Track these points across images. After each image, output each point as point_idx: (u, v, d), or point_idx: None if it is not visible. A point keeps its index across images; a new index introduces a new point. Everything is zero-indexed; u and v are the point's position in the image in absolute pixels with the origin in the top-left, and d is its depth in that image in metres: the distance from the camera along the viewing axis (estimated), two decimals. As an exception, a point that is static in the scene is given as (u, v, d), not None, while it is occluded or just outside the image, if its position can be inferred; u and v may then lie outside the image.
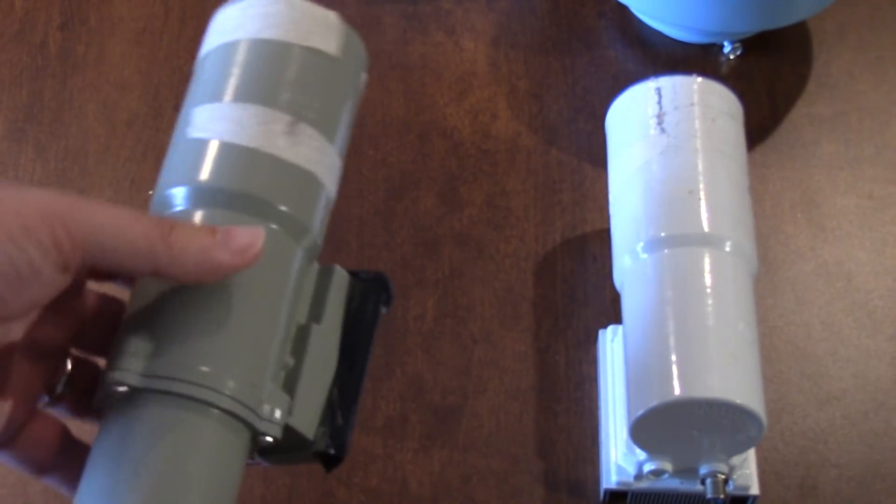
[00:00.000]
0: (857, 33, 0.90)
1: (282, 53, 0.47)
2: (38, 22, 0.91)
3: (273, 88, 0.46)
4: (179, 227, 0.39)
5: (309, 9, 0.48)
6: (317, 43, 0.47)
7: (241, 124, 0.44)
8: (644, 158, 0.66)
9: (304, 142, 0.45)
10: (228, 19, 0.50)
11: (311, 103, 0.46)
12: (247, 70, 0.47)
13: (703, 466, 0.62)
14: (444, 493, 0.68)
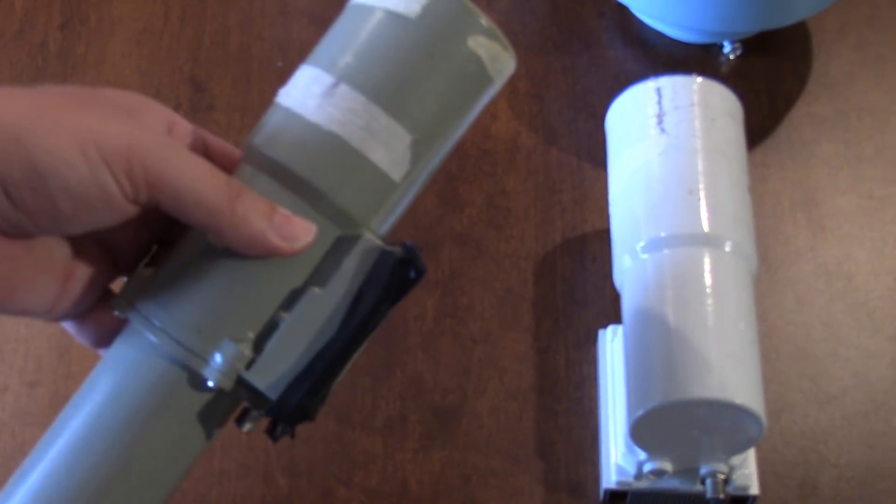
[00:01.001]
0: (857, 33, 0.90)
1: (357, 14, 0.44)
2: (38, 22, 0.91)
3: (329, 50, 0.44)
4: (246, 197, 0.41)
5: None
6: (392, 3, 0.43)
7: (293, 85, 0.44)
8: (644, 158, 0.66)
9: (338, 104, 0.43)
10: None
11: (361, 65, 0.43)
12: (329, 32, 0.45)
13: (703, 466, 0.62)
14: (444, 493, 0.68)
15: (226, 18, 0.91)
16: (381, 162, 0.43)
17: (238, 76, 0.88)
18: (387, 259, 0.43)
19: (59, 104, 0.39)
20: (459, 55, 0.45)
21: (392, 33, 0.43)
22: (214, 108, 0.86)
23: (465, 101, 0.45)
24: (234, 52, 0.89)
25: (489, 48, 0.44)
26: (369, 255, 0.44)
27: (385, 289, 0.44)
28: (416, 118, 0.44)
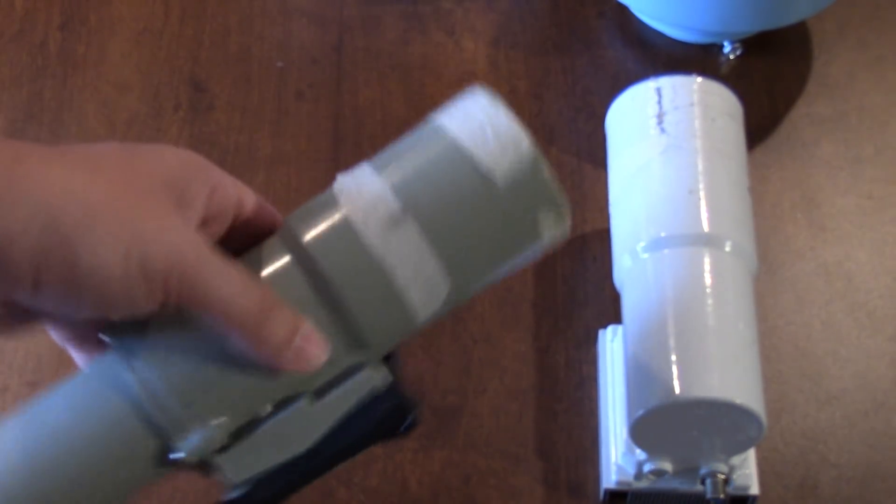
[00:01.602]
0: (857, 33, 0.90)
1: (439, 144, 0.43)
2: (38, 22, 0.91)
3: (404, 167, 0.43)
4: (276, 313, 0.41)
5: (499, 119, 0.43)
6: (480, 155, 0.42)
7: (356, 185, 0.43)
8: (644, 158, 0.66)
9: (399, 239, 0.42)
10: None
11: (432, 206, 0.42)
12: (406, 141, 0.44)
13: (703, 466, 0.62)
14: (444, 493, 0.68)
15: (226, 18, 0.91)
16: (414, 302, 0.43)
17: (238, 76, 0.88)
18: (385, 400, 0.44)
19: (113, 201, 0.38)
20: (526, 224, 0.44)
21: (471, 187, 0.42)
22: (214, 108, 0.86)
23: (514, 260, 0.45)
24: (234, 52, 0.89)
25: (555, 221, 0.44)
26: (371, 387, 0.44)
27: (373, 428, 0.44)
28: (464, 271, 0.44)
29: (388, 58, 0.89)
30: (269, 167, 0.82)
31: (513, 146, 0.43)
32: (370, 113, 0.85)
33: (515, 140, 0.43)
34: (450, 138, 0.43)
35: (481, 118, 0.43)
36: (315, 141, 0.84)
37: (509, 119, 0.43)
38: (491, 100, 0.44)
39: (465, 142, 0.42)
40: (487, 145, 0.42)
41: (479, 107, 0.43)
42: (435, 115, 0.44)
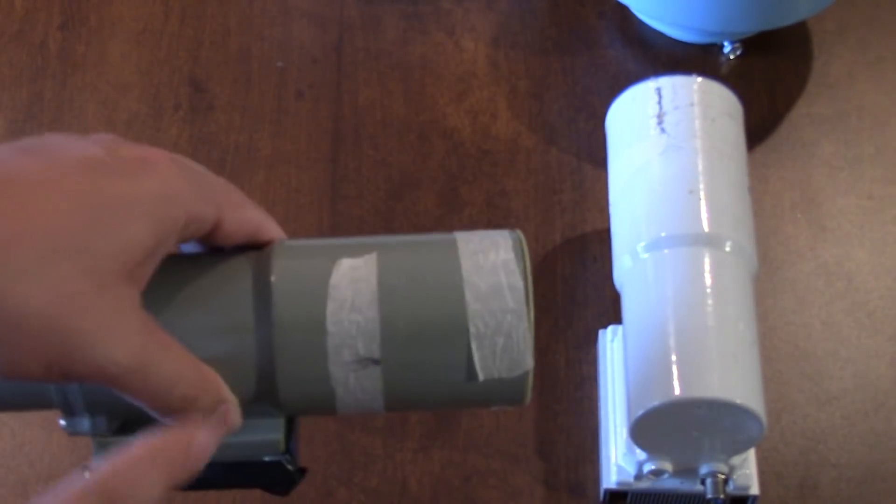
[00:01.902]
0: (857, 33, 0.90)
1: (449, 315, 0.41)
2: (38, 22, 0.91)
3: (402, 314, 0.41)
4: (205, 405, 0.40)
5: (519, 329, 0.42)
6: (479, 353, 0.41)
7: (354, 295, 0.42)
8: (644, 158, 0.66)
9: (361, 378, 0.41)
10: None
11: (408, 373, 0.41)
12: (424, 262, 0.43)
13: (703, 466, 0.62)
14: (444, 493, 0.68)
15: (226, 18, 0.91)
16: (343, 409, 0.43)
17: (238, 76, 0.88)
18: (271, 463, 0.44)
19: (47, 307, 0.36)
20: (482, 403, 0.44)
21: (452, 371, 0.41)
22: (214, 108, 0.86)
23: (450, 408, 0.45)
24: (234, 52, 0.89)
25: (505, 408, 0.45)
26: (263, 441, 0.43)
27: (250, 476, 0.44)
28: (404, 408, 0.44)
29: (388, 58, 0.89)
30: (269, 167, 0.82)
31: (515, 363, 0.42)
32: (370, 113, 0.85)
33: (520, 359, 0.42)
34: (460, 322, 0.41)
35: (506, 322, 0.42)
36: (315, 141, 0.84)
37: (526, 335, 0.42)
38: (522, 294, 0.42)
39: (473, 333, 0.41)
40: (493, 349, 0.42)
41: (511, 306, 0.42)
42: (467, 261, 0.43)
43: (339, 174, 0.82)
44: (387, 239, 0.44)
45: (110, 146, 0.40)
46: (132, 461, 0.39)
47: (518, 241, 0.44)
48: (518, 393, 0.43)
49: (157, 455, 0.39)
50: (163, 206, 0.39)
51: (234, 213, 0.42)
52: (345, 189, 0.81)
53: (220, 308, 0.42)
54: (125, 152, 0.40)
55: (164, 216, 0.39)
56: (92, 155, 0.39)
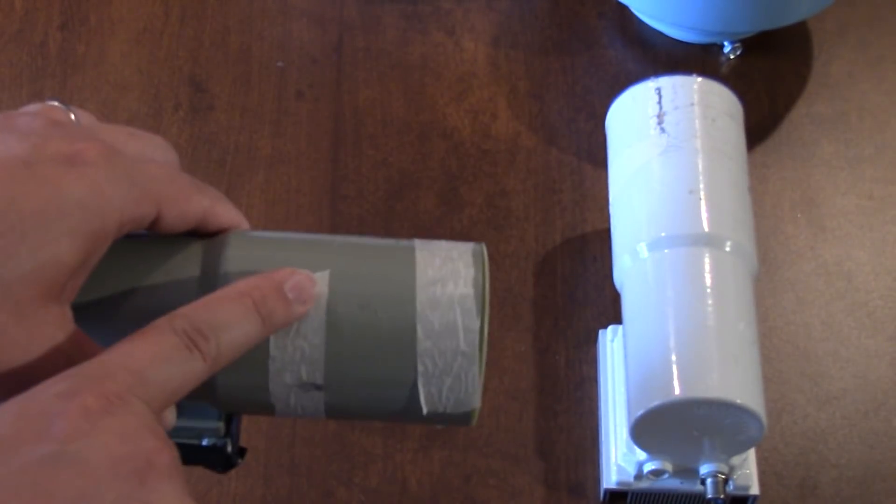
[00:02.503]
0: (857, 33, 0.90)
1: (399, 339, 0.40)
2: (38, 22, 0.91)
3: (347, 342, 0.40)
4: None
5: (469, 373, 0.40)
6: (426, 387, 0.40)
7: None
8: (644, 158, 0.66)
9: (303, 399, 0.40)
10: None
11: (352, 398, 0.40)
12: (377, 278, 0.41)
13: (703, 466, 0.62)
14: (444, 493, 0.68)
15: (226, 18, 0.91)
16: (283, 412, 0.42)
17: (238, 76, 0.88)
18: (211, 446, 0.43)
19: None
20: (424, 421, 0.42)
21: (396, 398, 0.40)
22: (214, 108, 0.86)
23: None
24: (234, 52, 0.89)
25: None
26: (203, 428, 0.43)
27: (191, 455, 0.44)
28: (346, 419, 0.44)
29: (388, 58, 0.89)
30: (269, 167, 0.82)
31: (461, 402, 0.41)
32: (370, 113, 0.85)
33: (467, 400, 0.41)
34: (409, 359, 0.40)
35: (456, 364, 0.40)
36: (315, 141, 0.84)
37: (475, 378, 0.40)
38: (476, 336, 0.41)
39: (421, 371, 0.40)
40: (440, 388, 0.40)
41: (462, 348, 0.40)
42: (423, 292, 0.41)
43: (339, 174, 0.82)
44: (344, 245, 0.42)
45: (36, 142, 0.37)
46: (218, 296, 0.37)
47: (480, 256, 0.43)
48: (462, 421, 0.42)
49: (247, 291, 0.37)
50: (92, 217, 0.36)
51: (175, 206, 0.40)
52: (345, 189, 0.81)
53: (163, 299, 0.40)
54: (53, 147, 0.37)
55: (93, 229, 0.36)
56: (12, 156, 0.36)
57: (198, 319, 0.36)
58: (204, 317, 0.36)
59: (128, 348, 0.35)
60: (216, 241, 0.41)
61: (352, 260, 0.42)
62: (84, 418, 0.32)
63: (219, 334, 0.36)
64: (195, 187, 0.41)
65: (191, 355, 0.36)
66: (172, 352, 0.35)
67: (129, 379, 0.34)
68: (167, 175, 0.40)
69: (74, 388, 0.33)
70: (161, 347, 0.35)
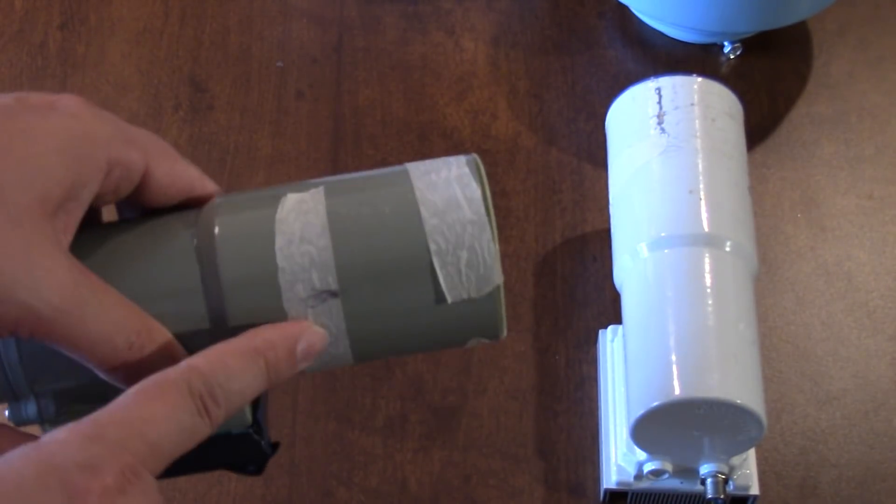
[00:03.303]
0: (857, 33, 0.90)
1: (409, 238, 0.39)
2: (38, 22, 0.91)
3: (356, 233, 0.39)
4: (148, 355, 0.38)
5: (483, 242, 0.39)
6: (445, 275, 0.39)
7: (296, 217, 0.39)
8: (644, 158, 0.66)
9: (319, 313, 0.39)
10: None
11: (370, 300, 0.39)
12: (375, 191, 0.40)
13: (703, 466, 0.62)
14: (444, 493, 0.68)
15: (226, 18, 0.91)
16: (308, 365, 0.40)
17: (238, 76, 0.88)
18: (239, 439, 0.42)
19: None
20: (456, 340, 0.41)
21: (418, 299, 0.39)
22: (214, 108, 0.86)
23: (424, 348, 0.42)
24: (234, 52, 0.89)
25: (488, 341, 0.41)
26: (232, 420, 0.41)
27: (217, 457, 0.42)
28: (373, 354, 0.41)
29: (388, 58, 0.89)
30: (269, 167, 0.82)
31: (483, 279, 0.39)
32: (370, 113, 0.85)
33: (487, 273, 0.39)
34: (419, 240, 0.39)
35: (467, 234, 0.39)
36: (315, 141, 0.84)
37: (490, 246, 0.39)
38: (481, 204, 0.40)
39: (434, 251, 0.39)
40: (457, 265, 0.39)
41: (469, 216, 0.40)
42: (420, 181, 0.40)
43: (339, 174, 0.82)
44: (333, 177, 0.42)
45: (18, 95, 0.38)
46: (234, 354, 0.37)
47: (473, 161, 0.41)
48: (492, 318, 0.40)
49: (261, 351, 0.37)
50: (78, 143, 0.37)
51: (164, 162, 0.40)
52: (345, 189, 0.81)
53: (161, 265, 0.39)
54: (34, 100, 0.38)
55: (81, 153, 0.37)
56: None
57: (214, 382, 0.36)
58: (219, 379, 0.36)
59: (146, 409, 0.35)
60: (205, 207, 0.41)
61: (343, 179, 0.41)
62: (101, 502, 0.33)
63: (230, 398, 0.37)
64: (181, 156, 0.42)
65: (201, 420, 0.36)
66: (186, 417, 0.36)
67: (145, 450, 0.35)
68: (153, 135, 0.41)
69: (95, 461, 0.33)
70: (176, 412, 0.36)
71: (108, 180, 0.38)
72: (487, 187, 0.41)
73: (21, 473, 0.33)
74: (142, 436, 0.34)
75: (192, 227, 0.40)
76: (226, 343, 0.37)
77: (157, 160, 0.40)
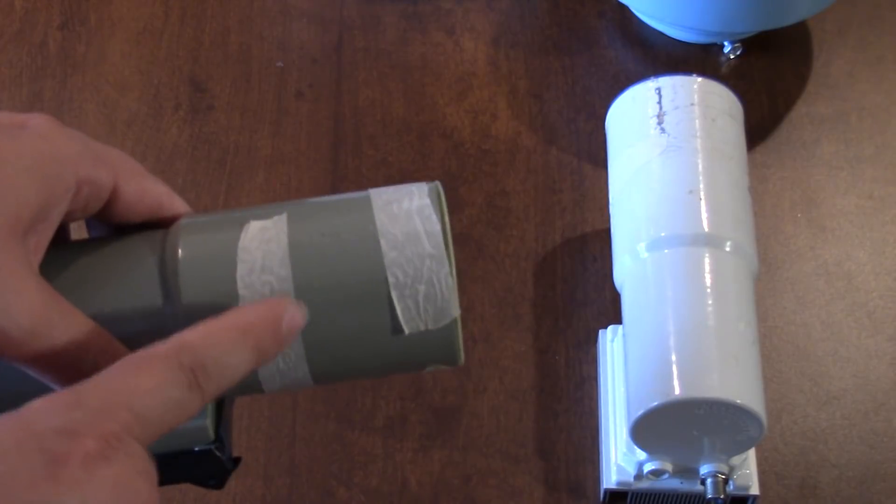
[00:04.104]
0: (857, 33, 0.90)
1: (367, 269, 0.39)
2: (38, 22, 0.91)
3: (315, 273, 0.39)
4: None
5: (441, 275, 0.39)
6: (402, 306, 0.39)
7: (264, 260, 0.39)
8: (644, 158, 0.66)
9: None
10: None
11: (330, 335, 0.39)
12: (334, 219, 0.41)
13: (703, 466, 0.62)
14: (444, 493, 0.68)
15: (226, 18, 0.91)
16: (268, 387, 0.41)
17: (238, 76, 0.88)
18: (201, 453, 0.42)
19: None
20: (413, 366, 0.41)
21: (375, 329, 0.39)
22: (214, 108, 0.86)
23: (383, 373, 0.43)
24: (234, 52, 0.89)
25: (445, 366, 0.42)
26: (190, 435, 0.41)
27: (178, 471, 0.42)
28: (332, 378, 0.41)
29: (388, 58, 0.89)
30: (269, 167, 0.82)
31: (440, 311, 0.40)
32: (370, 113, 0.85)
33: (445, 307, 0.40)
34: (378, 272, 0.39)
35: (425, 268, 0.39)
36: (315, 141, 0.84)
37: (448, 280, 0.39)
38: (440, 238, 0.40)
39: (392, 283, 0.39)
40: (415, 298, 0.39)
41: (428, 250, 0.39)
42: (382, 212, 0.41)
43: (339, 174, 0.82)
44: (298, 202, 0.42)
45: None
46: (223, 330, 0.37)
47: (435, 190, 0.42)
48: (449, 348, 0.40)
49: (249, 328, 0.37)
50: (47, 163, 0.37)
51: (133, 180, 0.40)
52: (345, 189, 0.81)
53: (125, 286, 0.40)
54: (4, 119, 0.38)
55: (51, 173, 0.37)
56: None
57: (204, 356, 0.36)
58: (211, 353, 0.36)
59: (132, 380, 0.35)
60: (171, 228, 0.41)
61: (307, 204, 0.42)
62: (82, 467, 0.32)
63: (221, 372, 0.36)
64: (149, 174, 0.42)
65: (191, 393, 0.35)
66: (175, 389, 0.35)
67: (129, 419, 0.34)
68: (121, 154, 0.41)
69: (75, 427, 0.33)
70: (165, 383, 0.35)
71: (77, 198, 0.39)
72: (447, 217, 0.41)
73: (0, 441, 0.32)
74: (126, 405, 0.34)
75: (157, 249, 0.40)
76: (215, 319, 0.37)
77: (125, 178, 0.40)
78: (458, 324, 0.40)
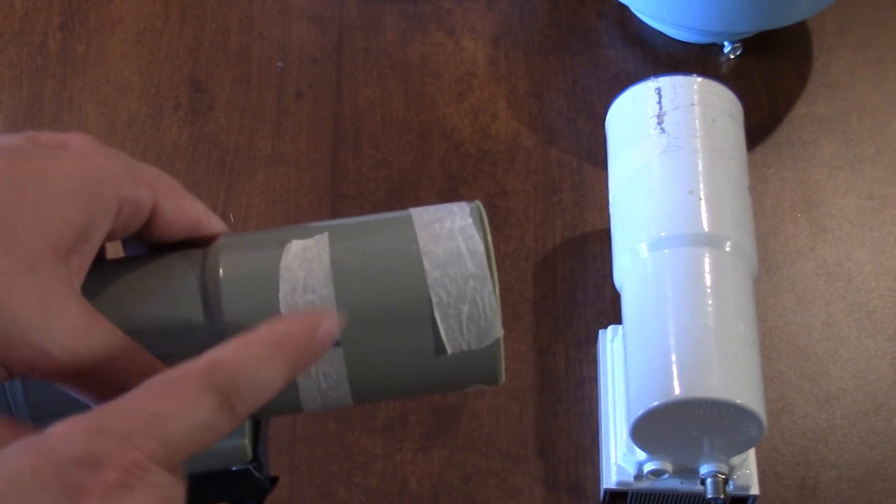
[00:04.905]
0: (857, 33, 0.90)
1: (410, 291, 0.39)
2: (38, 22, 0.91)
3: (359, 291, 0.39)
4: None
5: (485, 294, 0.39)
6: (445, 327, 0.39)
7: (307, 276, 0.39)
8: (644, 158, 0.66)
9: (321, 361, 0.39)
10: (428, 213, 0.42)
11: (373, 352, 0.39)
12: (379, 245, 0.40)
13: (703, 466, 0.62)
14: (444, 493, 0.68)
15: (226, 18, 0.91)
16: (308, 404, 0.40)
17: (238, 76, 0.88)
18: (238, 474, 0.41)
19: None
20: (455, 385, 0.41)
21: (419, 350, 0.39)
22: (214, 108, 0.86)
23: (423, 393, 0.42)
24: (234, 52, 0.89)
25: (486, 385, 0.42)
26: (226, 456, 0.41)
27: (216, 492, 0.42)
28: (373, 397, 0.41)
29: (388, 58, 0.89)
30: (269, 167, 0.82)
31: (483, 332, 0.40)
32: (370, 113, 0.85)
33: (488, 327, 0.40)
34: (421, 292, 0.39)
35: (469, 288, 0.39)
36: (315, 141, 0.84)
37: (492, 300, 0.39)
38: (484, 258, 0.40)
39: (435, 303, 0.39)
40: (458, 318, 0.39)
41: (472, 270, 0.40)
42: (424, 231, 0.40)
43: (339, 174, 0.82)
44: (338, 221, 0.42)
45: (29, 135, 0.38)
46: (258, 345, 0.35)
47: (476, 210, 0.42)
48: (491, 368, 0.40)
49: (284, 342, 0.36)
50: (90, 183, 0.37)
51: (171, 198, 0.40)
52: (345, 189, 0.81)
53: (166, 305, 0.39)
54: (45, 139, 0.38)
55: (93, 193, 0.37)
56: (9, 143, 0.37)
57: (238, 373, 0.35)
58: (245, 370, 0.35)
59: (158, 403, 0.34)
60: (211, 247, 0.41)
61: (347, 224, 0.42)
62: (103, 499, 0.32)
63: (255, 390, 0.35)
64: (188, 192, 0.42)
65: (221, 415, 0.34)
66: (204, 412, 0.34)
67: (154, 445, 0.33)
68: (161, 172, 0.41)
69: (96, 456, 0.32)
70: (193, 406, 0.34)
71: (119, 218, 0.38)
72: (489, 237, 0.41)
73: (17, 469, 0.32)
74: (151, 430, 0.33)
75: (197, 268, 0.40)
76: (248, 334, 0.36)
77: (164, 196, 0.40)
78: (500, 344, 0.40)
